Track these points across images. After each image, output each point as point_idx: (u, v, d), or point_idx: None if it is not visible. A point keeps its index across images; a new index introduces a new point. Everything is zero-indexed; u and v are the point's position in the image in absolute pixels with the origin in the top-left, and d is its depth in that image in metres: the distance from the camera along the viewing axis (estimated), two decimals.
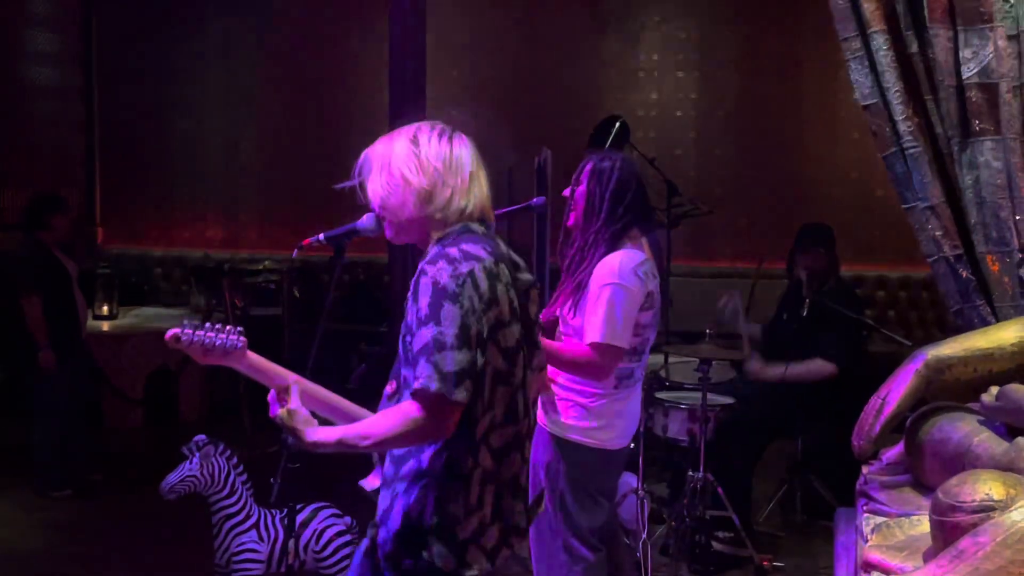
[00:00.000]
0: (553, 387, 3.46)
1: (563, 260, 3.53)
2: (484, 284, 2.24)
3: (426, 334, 2.18)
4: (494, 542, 2.33)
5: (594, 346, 3.29)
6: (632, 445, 3.61)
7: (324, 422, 2.44)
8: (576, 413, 3.40)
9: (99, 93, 9.16)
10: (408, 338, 2.26)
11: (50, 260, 5.86)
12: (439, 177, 2.34)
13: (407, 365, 2.28)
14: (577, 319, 3.38)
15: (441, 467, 2.27)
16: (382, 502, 2.36)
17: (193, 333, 2.38)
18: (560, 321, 3.47)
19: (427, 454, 2.29)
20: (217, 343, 2.39)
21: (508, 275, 2.33)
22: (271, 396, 2.42)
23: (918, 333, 7.66)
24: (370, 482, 2.51)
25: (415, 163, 2.34)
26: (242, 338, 2.42)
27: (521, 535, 2.42)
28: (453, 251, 2.27)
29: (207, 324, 2.41)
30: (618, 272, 3.31)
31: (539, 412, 3.50)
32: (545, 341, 3.42)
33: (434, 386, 2.15)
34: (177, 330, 2.40)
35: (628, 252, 3.38)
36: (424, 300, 2.20)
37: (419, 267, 2.27)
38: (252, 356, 2.46)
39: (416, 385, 2.17)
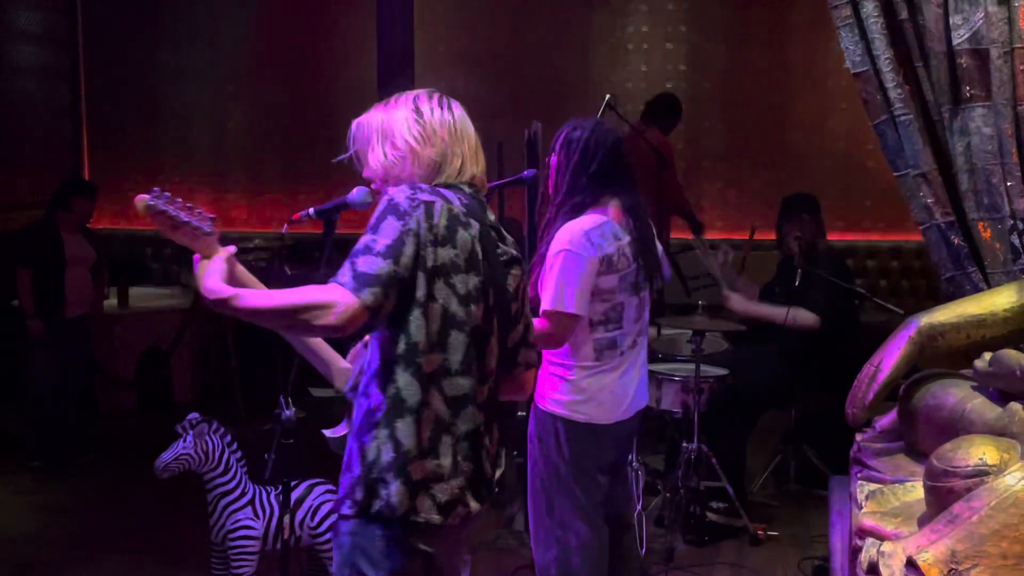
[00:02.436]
0: (543, 363, 3.43)
1: (539, 233, 3.50)
2: (440, 219, 2.22)
3: (361, 240, 2.18)
4: (447, 497, 2.27)
5: (544, 314, 3.24)
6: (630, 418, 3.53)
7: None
8: (558, 387, 3.37)
9: (85, 73, 9.09)
10: None
11: (50, 240, 6.04)
12: (447, 147, 2.33)
13: None
14: (541, 292, 3.34)
15: (391, 401, 2.23)
16: (347, 451, 2.33)
17: (163, 202, 2.31)
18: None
19: (378, 389, 2.26)
20: (184, 219, 2.32)
21: (479, 230, 2.30)
22: (195, 258, 2.36)
23: (910, 302, 7.63)
24: (336, 430, 2.46)
25: (420, 132, 2.32)
26: (213, 226, 2.35)
27: (481, 498, 2.36)
28: (424, 185, 2.27)
29: (179, 200, 2.34)
30: (568, 239, 3.26)
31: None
32: None
33: (343, 280, 2.14)
34: (147, 196, 2.32)
35: (584, 218, 3.31)
36: (375, 215, 2.21)
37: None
38: (223, 251, 2.37)
39: (332, 278, 2.16)
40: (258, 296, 2.20)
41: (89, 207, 6.25)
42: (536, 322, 3.18)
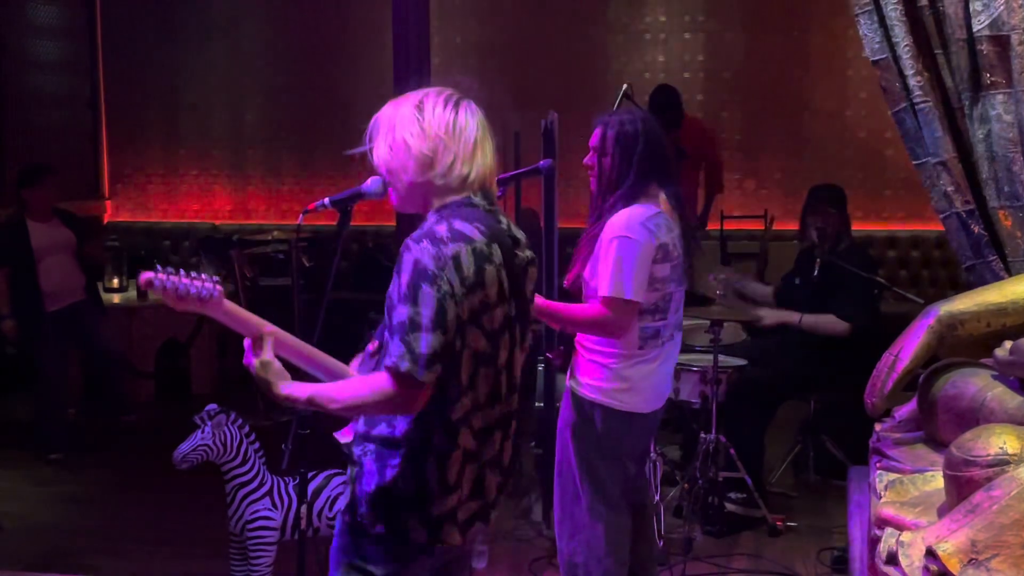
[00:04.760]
0: (578, 349, 3.45)
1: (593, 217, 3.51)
2: (469, 268, 2.22)
3: (403, 312, 2.18)
4: (467, 516, 2.34)
5: (603, 300, 3.27)
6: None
7: (302, 375, 2.44)
8: (599, 374, 3.38)
9: (103, 67, 9.13)
10: (389, 307, 2.25)
11: (17, 234, 5.98)
12: (440, 143, 2.31)
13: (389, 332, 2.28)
14: (594, 279, 3.36)
15: (417, 442, 2.28)
16: (357, 457, 2.37)
17: (167, 278, 2.35)
18: (584, 285, 3.45)
19: (401, 425, 2.30)
20: (192, 290, 2.36)
21: (501, 256, 2.31)
22: (246, 344, 2.42)
23: (930, 292, 7.62)
24: (344, 434, 2.51)
25: (417, 128, 2.32)
26: (218, 287, 2.40)
27: (496, 508, 2.44)
28: (442, 230, 2.25)
29: (182, 271, 2.38)
30: (625, 225, 3.28)
31: (567, 373, 3.52)
32: (560, 305, 3.43)
33: (405, 365, 2.16)
34: (150, 274, 2.36)
35: (638, 207, 3.34)
36: (405, 278, 2.20)
37: (406, 241, 2.25)
38: (229, 305, 2.44)
39: (387, 362, 2.18)
40: (330, 398, 2.28)
41: (40, 195, 6.08)
42: (591, 307, 3.31)
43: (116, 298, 7.31)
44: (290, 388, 2.32)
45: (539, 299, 3.32)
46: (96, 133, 9.13)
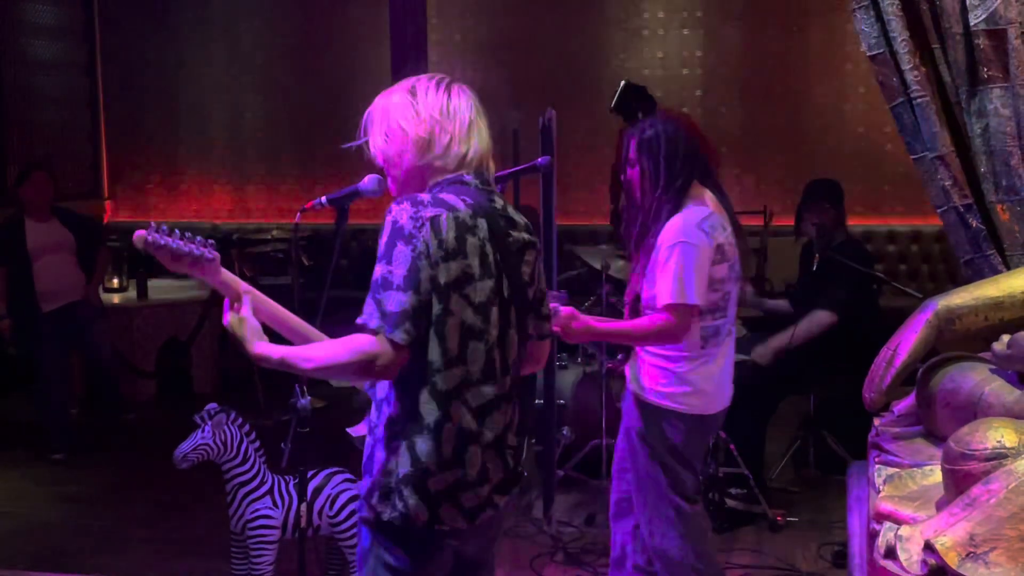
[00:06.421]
0: (640, 354, 3.44)
1: (628, 240, 3.50)
2: (448, 232, 2.21)
3: (377, 271, 2.19)
4: (475, 502, 2.30)
5: (666, 307, 3.25)
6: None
7: (280, 340, 2.44)
8: (664, 379, 3.36)
9: (103, 66, 9.14)
10: None
11: (13, 234, 5.99)
12: (436, 124, 2.32)
13: None
14: (652, 288, 3.34)
15: (408, 416, 2.26)
16: (366, 449, 2.37)
17: (160, 237, 2.36)
18: (642, 298, 3.43)
19: (396, 403, 2.28)
20: (185, 250, 2.38)
21: (487, 230, 2.30)
22: (226, 304, 2.43)
23: (929, 286, 7.63)
24: (358, 429, 2.51)
25: (412, 113, 2.33)
26: (214, 251, 2.42)
27: (506, 492, 2.39)
28: (425, 196, 2.26)
29: (176, 231, 2.40)
30: (682, 230, 3.27)
31: (627, 376, 3.51)
32: (618, 323, 3.42)
33: (374, 323, 2.16)
34: (144, 232, 2.37)
35: (690, 210, 3.34)
36: (383, 239, 2.21)
37: (390, 205, 2.26)
38: (225, 273, 2.46)
39: (359, 320, 2.18)
40: (304, 358, 2.26)
41: (36, 189, 6.07)
42: (654, 318, 3.29)
43: (116, 298, 7.31)
44: (263, 347, 2.32)
45: (594, 322, 3.35)
46: (95, 133, 9.14)
